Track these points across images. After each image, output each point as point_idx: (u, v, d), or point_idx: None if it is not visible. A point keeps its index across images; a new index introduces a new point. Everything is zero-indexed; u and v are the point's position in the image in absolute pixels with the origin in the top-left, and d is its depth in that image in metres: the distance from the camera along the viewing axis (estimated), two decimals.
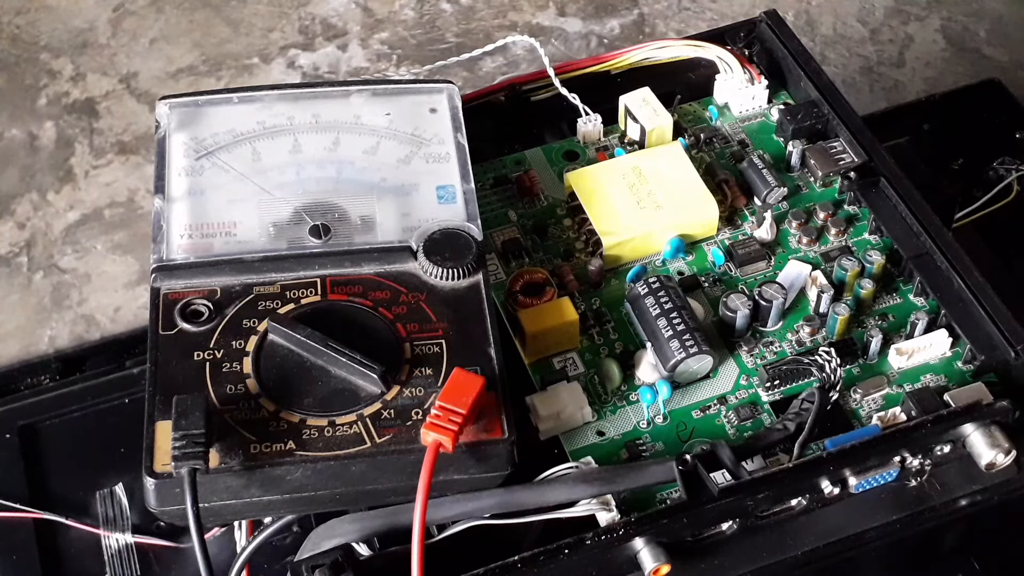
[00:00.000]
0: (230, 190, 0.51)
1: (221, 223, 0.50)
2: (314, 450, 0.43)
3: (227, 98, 0.54)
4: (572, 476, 0.45)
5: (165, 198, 0.50)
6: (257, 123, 0.53)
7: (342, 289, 0.48)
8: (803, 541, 0.46)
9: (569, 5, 0.97)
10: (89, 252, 0.81)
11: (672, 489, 0.46)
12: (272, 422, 0.44)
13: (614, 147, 0.59)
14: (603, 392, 0.50)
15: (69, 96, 0.91)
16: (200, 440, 0.42)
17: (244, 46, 0.95)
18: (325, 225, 0.50)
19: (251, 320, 0.47)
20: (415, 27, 0.97)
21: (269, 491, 0.43)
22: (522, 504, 0.44)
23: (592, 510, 0.45)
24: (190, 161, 0.52)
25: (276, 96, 0.55)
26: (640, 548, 0.44)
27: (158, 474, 0.42)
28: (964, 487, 0.47)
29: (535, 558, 0.43)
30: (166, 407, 0.43)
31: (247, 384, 0.45)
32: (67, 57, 0.95)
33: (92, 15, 0.98)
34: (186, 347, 0.46)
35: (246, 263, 0.48)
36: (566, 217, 0.56)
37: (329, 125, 0.54)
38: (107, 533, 0.56)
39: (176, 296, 0.47)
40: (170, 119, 0.53)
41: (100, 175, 0.86)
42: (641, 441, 0.48)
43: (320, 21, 0.97)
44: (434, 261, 0.48)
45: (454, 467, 0.44)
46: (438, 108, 0.55)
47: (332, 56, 0.94)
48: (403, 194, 0.51)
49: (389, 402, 0.45)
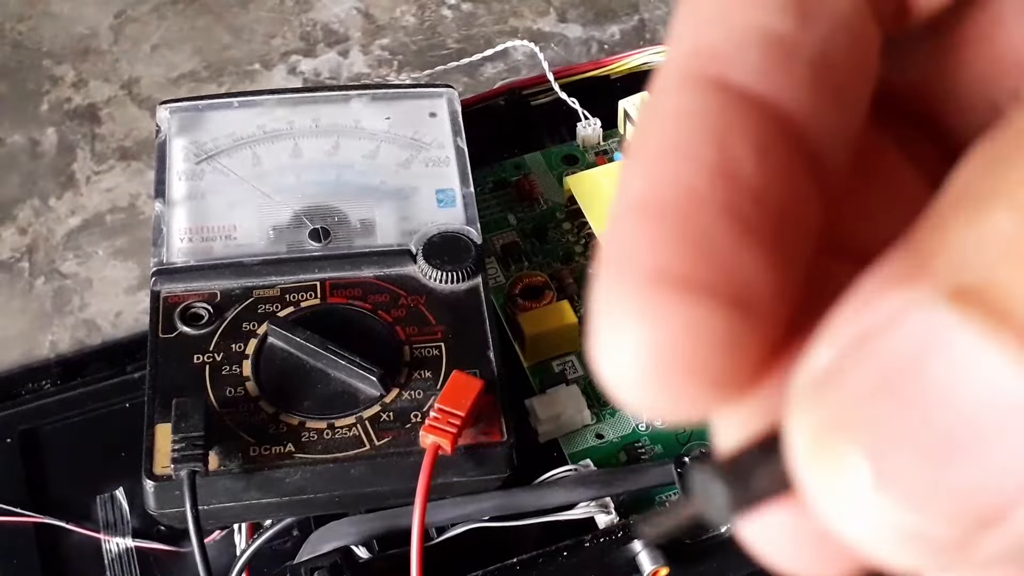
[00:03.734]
0: (230, 194, 0.51)
1: (221, 227, 0.50)
2: (313, 453, 0.43)
3: (227, 102, 0.55)
4: (571, 479, 0.45)
5: (165, 202, 0.51)
6: (257, 127, 0.53)
7: (341, 292, 0.48)
8: None
9: (570, 11, 0.98)
10: (90, 257, 0.81)
11: (671, 491, 0.46)
12: (271, 425, 0.44)
13: (614, 151, 0.59)
14: (602, 395, 0.50)
15: (71, 102, 0.91)
16: (199, 443, 0.42)
17: (246, 52, 0.95)
18: (325, 228, 0.50)
19: (251, 323, 0.47)
20: (416, 33, 0.98)
21: (268, 494, 0.43)
22: (521, 507, 0.44)
23: (591, 512, 0.45)
24: (190, 165, 0.52)
25: (276, 101, 0.55)
26: (639, 550, 0.44)
27: (157, 476, 0.42)
28: None
29: (534, 560, 0.43)
30: (165, 410, 0.43)
31: (246, 387, 0.45)
32: (69, 63, 0.95)
33: (94, 21, 0.98)
34: (186, 350, 0.46)
35: (246, 266, 0.48)
36: (565, 221, 0.57)
37: (329, 129, 0.54)
38: (108, 537, 0.56)
39: (176, 299, 0.47)
40: (170, 123, 0.53)
41: (102, 181, 0.86)
42: (640, 444, 0.49)
43: (322, 27, 0.97)
44: (433, 264, 0.48)
45: (453, 470, 0.44)
46: (438, 112, 0.55)
47: (333, 62, 0.94)
48: (403, 198, 0.52)
49: (388, 405, 0.45)
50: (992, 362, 0.11)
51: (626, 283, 0.13)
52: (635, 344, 0.13)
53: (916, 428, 0.12)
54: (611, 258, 0.13)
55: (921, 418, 0.12)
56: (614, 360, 0.13)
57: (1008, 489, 0.12)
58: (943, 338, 0.12)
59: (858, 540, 0.12)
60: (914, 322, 0.12)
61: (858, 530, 0.12)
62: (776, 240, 0.13)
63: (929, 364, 0.12)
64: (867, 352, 0.12)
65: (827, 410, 0.12)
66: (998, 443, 0.11)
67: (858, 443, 0.12)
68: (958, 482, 0.12)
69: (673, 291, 0.13)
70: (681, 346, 0.13)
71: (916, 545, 0.12)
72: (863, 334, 0.12)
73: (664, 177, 0.13)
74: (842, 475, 0.12)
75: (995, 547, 0.12)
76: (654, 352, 0.13)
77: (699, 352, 0.13)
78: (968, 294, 0.11)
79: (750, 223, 0.13)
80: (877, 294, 0.12)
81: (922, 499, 0.12)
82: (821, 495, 0.12)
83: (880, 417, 0.12)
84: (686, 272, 0.13)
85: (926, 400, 0.12)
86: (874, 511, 0.12)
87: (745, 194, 0.13)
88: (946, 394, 0.12)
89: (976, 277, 0.11)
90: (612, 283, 0.13)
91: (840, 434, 0.12)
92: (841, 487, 0.12)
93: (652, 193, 0.13)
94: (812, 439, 0.12)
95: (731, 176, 0.13)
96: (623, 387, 0.13)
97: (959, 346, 0.12)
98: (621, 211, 0.14)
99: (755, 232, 0.13)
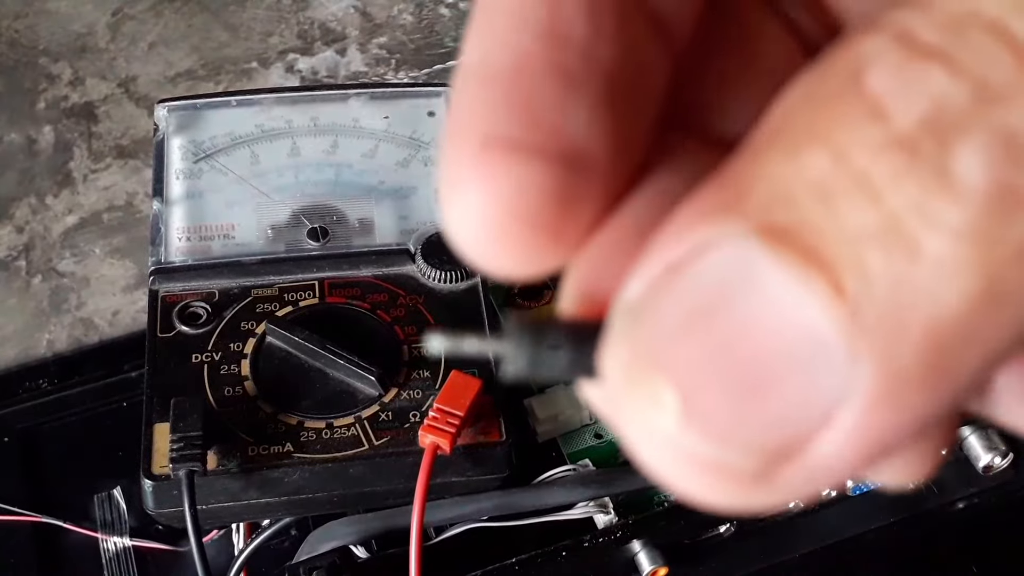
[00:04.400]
0: (228, 193, 0.51)
1: (219, 226, 0.50)
2: (312, 452, 0.43)
3: (225, 101, 0.55)
4: (570, 478, 0.45)
5: (163, 201, 0.50)
6: (255, 126, 0.53)
7: (340, 292, 0.48)
8: (801, 543, 0.46)
9: None
10: (88, 256, 0.81)
11: (670, 492, 0.46)
12: (270, 424, 0.44)
13: None
14: None
15: (68, 100, 0.91)
16: (198, 442, 0.42)
17: (243, 50, 0.95)
18: (323, 228, 0.50)
19: (249, 322, 0.47)
20: (414, 31, 0.97)
21: (267, 493, 0.43)
22: (520, 506, 0.44)
23: (590, 512, 0.45)
24: (188, 164, 0.52)
25: (274, 99, 0.55)
26: (638, 550, 0.44)
27: (156, 476, 0.42)
28: (961, 490, 0.47)
29: (533, 560, 0.43)
30: (164, 409, 0.43)
31: (245, 386, 0.45)
32: (66, 61, 0.95)
33: (91, 19, 0.98)
34: (184, 349, 0.46)
35: (244, 266, 0.48)
36: None
37: (327, 128, 0.54)
38: (105, 536, 0.56)
39: (174, 298, 0.47)
40: (168, 122, 0.53)
41: (99, 179, 0.86)
42: None
43: (319, 26, 0.97)
44: (432, 264, 0.48)
45: (452, 469, 0.44)
46: (436, 111, 0.55)
47: (331, 60, 0.94)
48: (401, 197, 0.51)
49: (387, 404, 0.45)
50: (797, 299, 0.12)
51: (463, 149, 0.13)
52: (475, 205, 0.13)
53: (721, 364, 0.12)
54: (451, 125, 0.14)
55: (726, 353, 0.12)
56: (458, 220, 0.14)
57: (808, 422, 0.12)
58: (750, 273, 0.12)
59: (664, 473, 0.12)
60: (722, 255, 0.12)
61: (664, 463, 0.12)
62: (608, 99, 0.14)
63: (735, 299, 0.12)
64: (676, 285, 0.12)
65: (638, 344, 0.12)
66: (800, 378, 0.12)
67: (666, 379, 0.12)
68: (760, 416, 0.12)
69: (503, 154, 0.13)
70: (515, 203, 0.13)
71: (718, 477, 0.12)
72: (672, 266, 0.12)
73: (498, 42, 0.14)
74: (650, 410, 0.12)
75: (794, 478, 0.12)
76: (491, 210, 0.13)
77: (532, 208, 0.13)
78: (778, 231, 0.12)
79: (578, 82, 0.13)
80: (688, 226, 0.12)
81: (726, 433, 0.12)
82: (630, 427, 0.13)
83: (687, 353, 0.12)
84: (515, 135, 0.13)
85: (731, 335, 0.12)
86: (680, 445, 0.12)
87: (575, 54, 0.14)
88: (751, 329, 0.12)
89: (787, 215, 0.12)
90: (452, 150, 0.14)
91: (649, 370, 0.12)
92: (649, 421, 0.12)
93: (487, 59, 0.14)
94: (623, 372, 0.13)
95: (561, 37, 0.14)
96: (468, 244, 0.14)
97: (766, 282, 0.12)
98: (461, 78, 0.14)
99: (584, 91, 0.13)
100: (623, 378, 0.13)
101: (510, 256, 0.14)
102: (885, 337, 0.11)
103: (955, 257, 0.11)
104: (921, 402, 0.12)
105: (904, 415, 0.12)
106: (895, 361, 0.11)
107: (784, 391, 0.12)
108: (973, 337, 0.11)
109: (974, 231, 0.11)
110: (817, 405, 0.12)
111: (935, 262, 0.11)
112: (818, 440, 0.12)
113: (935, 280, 0.11)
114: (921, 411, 0.12)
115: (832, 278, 0.11)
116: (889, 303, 0.11)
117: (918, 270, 0.11)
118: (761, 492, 0.12)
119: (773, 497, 0.12)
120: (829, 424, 0.12)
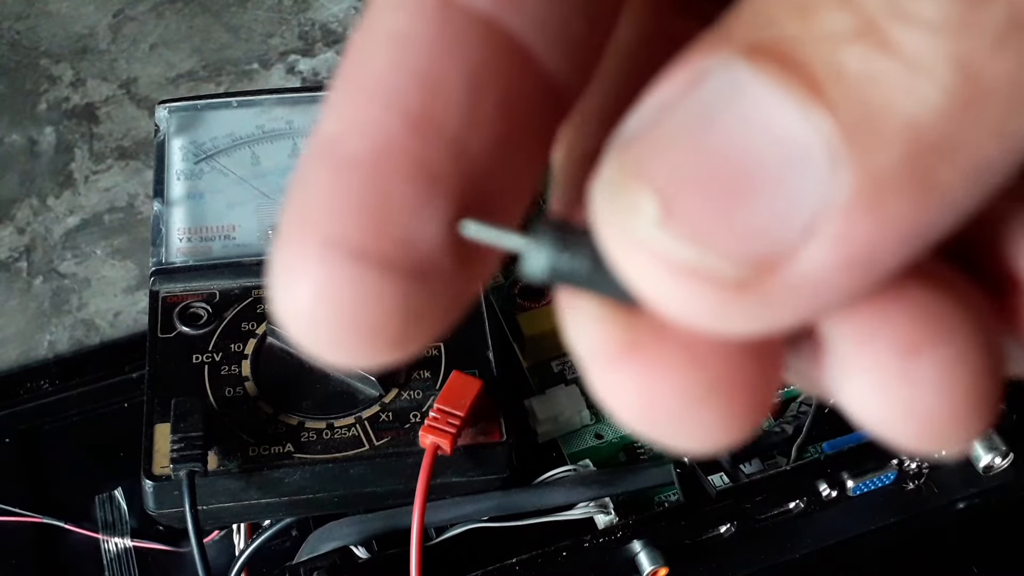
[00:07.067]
0: (229, 194, 0.51)
1: (220, 226, 0.50)
2: (312, 453, 0.43)
3: (226, 102, 0.55)
4: (570, 479, 0.45)
5: (164, 201, 0.50)
6: (256, 127, 0.53)
7: None
8: (801, 544, 0.46)
9: None
10: (89, 257, 0.81)
11: (670, 492, 0.46)
12: (270, 425, 0.44)
13: None
14: None
15: (69, 101, 0.91)
16: (198, 443, 0.42)
17: (244, 51, 0.95)
18: None
19: (250, 323, 0.47)
20: None
21: (267, 494, 0.43)
22: (520, 507, 0.44)
23: (590, 513, 0.45)
24: (189, 165, 0.52)
25: (275, 100, 0.55)
26: (638, 550, 0.44)
27: (156, 476, 0.42)
28: (962, 490, 0.47)
29: (533, 560, 0.43)
30: (164, 410, 0.43)
31: (245, 387, 0.45)
32: (67, 62, 0.95)
33: (92, 20, 0.98)
34: (185, 350, 0.46)
35: (245, 266, 0.48)
36: None
37: None
38: (106, 537, 0.56)
39: (175, 299, 0.47)
40: (169, 123, 0.53)
41: (100, 180, 0.86)
42: (639, 444, 0.49)
43: (320, 27, 0.97)
44: None
45: (452, 470, 0.44)
46: None
47: (332, 62, 0.94)
48: None
49: (387, 405, 0.45)
50: (781, 108, 0.12)
51: (303, 242, 0.13)
52: (309, 303, 0.13)
53: (706, 171, 0.12)
54: (293, 209, 0.13)
55: (711, 162, 0.12)
56: (290, 312, 0.13)
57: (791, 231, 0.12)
58: (736, 89, 0.12)
59: (640, 279, 0.12)
60: (712, 80, 0.12)
61: (641, 268, 0.12)
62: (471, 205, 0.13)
63: (723, 113, 0.12)
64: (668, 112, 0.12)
65: (625, 160, 0.12)
66: (782, 184, 0.12)
67: (647, 184, 0.12)
68: (744, 223, 0.12)
69: (347, 260, 0.12)
70: (353, 313, 0.13)
71: (699, 283, 0.12)
72: (667, 100, 0.12)
73: (360, 120, 0.13)
74: (630, 212, 0.12)
75: (778, 292, 0.12)
76: (326, 314, 0.13)
77: (371, 320, 0.13)
78: (762, 49, 0.12)
79: (441, 185, 0.13)
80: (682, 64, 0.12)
81: (707, 235, 0.12)
82: (610, 234, 0.12)
83: (668, 161, 0.12)
84: (362, 242, 0.12)
85: (717, 146, 0.12)
86: (658, 249, 0.12)
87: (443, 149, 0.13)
88: (737, 139, 0.12)
89: (770, 34, 0.12)
90: (290, 238, 0.13)
91: (632, 178, 0.12)
92: (628, 224, 0.12)
93: (345, 139, 0.13)
94: (607, 184, 0.12)
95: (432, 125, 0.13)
96: (299, 336, 0.13)
97: (751, 94, 0.12)
98: (311, 155, 0.13)
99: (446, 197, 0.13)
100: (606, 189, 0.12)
101: (343, 355, 0.13)
102: (864, 140, 0.11)
103: (930, 51, 0.11)
104: (905, 215, 0.12)
105: (887, 228, 0.12)
106: (874, 164, 0.11)
107: (766, 198, 0.12)
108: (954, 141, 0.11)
109: (948, 21, 0.11)
110: (800, 213, 0.12)
111: (910, 58, 0.11)
112: (802, 251, 0.12)
113: (911, 77, 0.11)
114: (906, 227, 0.12)
115: (808, 79, 0.11)
116: (866, 103, 0.11)
117: (894, 67, 0.11)
118: (744, 305, 0.12)
119: (758, 315, 0.12)
120: (813, 234, 0.12)
